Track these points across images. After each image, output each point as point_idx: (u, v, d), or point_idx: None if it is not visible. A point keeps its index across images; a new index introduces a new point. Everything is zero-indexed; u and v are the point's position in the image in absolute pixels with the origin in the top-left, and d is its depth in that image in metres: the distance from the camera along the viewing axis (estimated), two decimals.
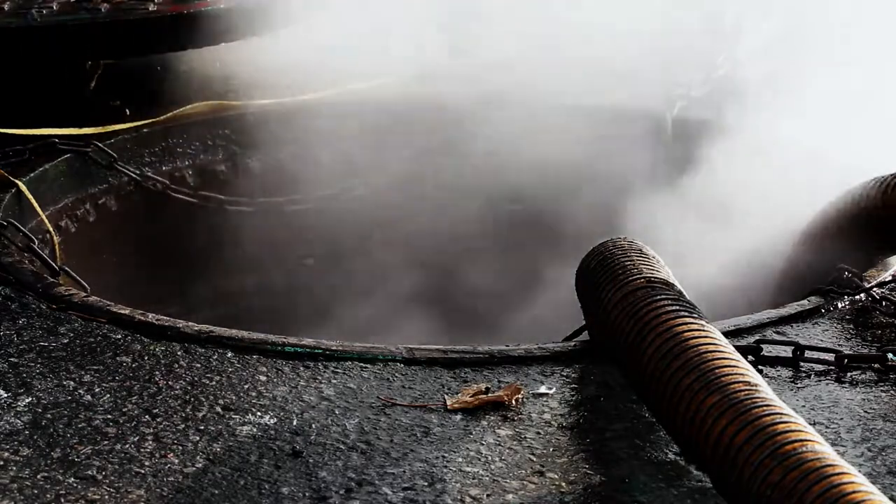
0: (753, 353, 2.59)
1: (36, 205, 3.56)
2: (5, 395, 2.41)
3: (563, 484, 2.15)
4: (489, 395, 2.43)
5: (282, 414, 2.37)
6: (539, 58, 4.37)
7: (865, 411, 2.41)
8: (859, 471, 1.84)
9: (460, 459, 2.22)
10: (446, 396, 2.44)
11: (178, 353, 2.61)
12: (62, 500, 2.08)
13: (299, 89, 4.32)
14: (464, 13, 4.63)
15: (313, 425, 2.33)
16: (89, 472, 2.16)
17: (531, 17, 4.54)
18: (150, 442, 2.26)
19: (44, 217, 3.59)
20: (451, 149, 4.25)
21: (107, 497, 2.09)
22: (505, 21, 4.57)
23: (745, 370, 2.05)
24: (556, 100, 4.31)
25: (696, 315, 2.24)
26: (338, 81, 4.36)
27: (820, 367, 2.59)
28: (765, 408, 1.92)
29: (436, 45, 4.52)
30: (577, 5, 4.48)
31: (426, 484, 2.14)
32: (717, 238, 3.71)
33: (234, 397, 2.43)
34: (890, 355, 2.58)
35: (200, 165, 4.21)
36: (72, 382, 2.47)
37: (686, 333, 2.16)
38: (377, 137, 4.27)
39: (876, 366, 2.58)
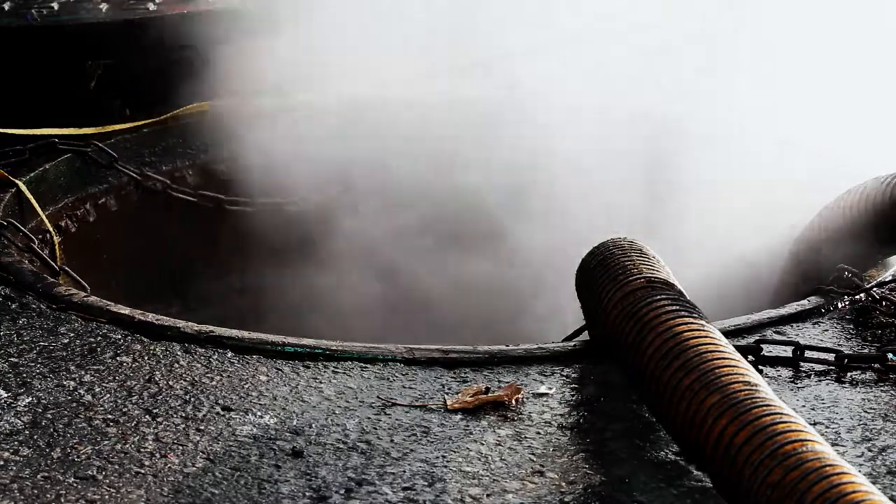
0: (753, 353, 2.59)
1: (36, 205, 3.56)
2: (5, 395, 2.41)
3: (563, 484, 2.15)
4: (489, 395, 2.43)
5: (282, 414, 2.37)
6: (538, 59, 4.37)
7: (865, 411, 2.41)
8: (859, 471, 1.84)
9: (460, 459, 2.22)
10: (446, 396, 2.45)
11: (178, 353, 2.61)
12: (62, 500, 2.08)
13: (299, 89, 4.31)
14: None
15: (313, 425, 2.33)
16: (89, 472, 2.16)
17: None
18: (150, 442, 2.26)
19: (44, 217, 3.59)
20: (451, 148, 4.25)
21: (107, 497, 2.09)
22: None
23: (745, 370, 2.05)
24: (561, 101, 4.32)
25: (696, 315, 2.24)
26: (338, 81, 4.36)
27: (820, 367, 2.59)
28: (765, 408, 1.92)
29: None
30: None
31: (426, 484, 2.14)
32: (717, 238, 3.71)
33: (234, 397, 2.43)
34: (890, 355, 2.58)
35: (200, 165, 4.21)
36: (72, 382, 2.47)
37: (686, 333, 2.16)
38: (377, 137, 4.27)
39: (876, 366, 2.58)
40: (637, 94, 4.30)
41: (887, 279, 2.98)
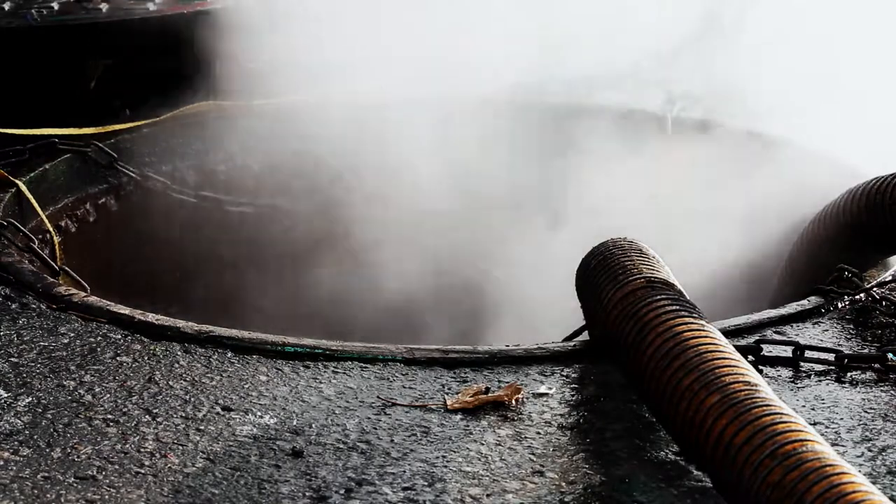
0: (753, 353, 2.59)
1: (36, 205, 3.56)
2: (5, 395, 2.41)
3: (563, 484, 2.15)
4: (489, 395, 2.43)
5: (282, 414, 2.37)
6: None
7: (865, 411, 2.41)
8: (859, 471, 1.84)
9: (460, 459, 2.22)
10: (446, 396, 2.45)
11: (178, 353, 2.61)
12: (62, 500, 2.08)
13: (298, 88, 4.31)
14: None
15: (313, 425, 2.33)
16: (89, 472, 2.16)
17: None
18: (150, 442, 2.26)
19: (44, 217, 3.59)
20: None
21: (107, 497, 2.09)
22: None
23: (745, 370, 2.05)
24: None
25: (696, 315, 2.24)
26: (336, 80, 4.36)
27: (820, 367, 2.59)
28: (765, 408, 1.92)
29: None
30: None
31: (426, 484, 2.14)
32: (718, 238, 3.71)
33: (234, 397, 2.43)
34: (890, 355, 2.58)
35: (200, 165, 4.21)
36: (72, 382, 2.47)
37: (686, 333, 2.16)
38: (377, 136, 4.27)
39: (876, 366, 2.58)
40: (635, 92, 4.30)
41: (887, 279, 2.99)
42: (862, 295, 2.89)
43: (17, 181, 3.54)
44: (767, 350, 2.62)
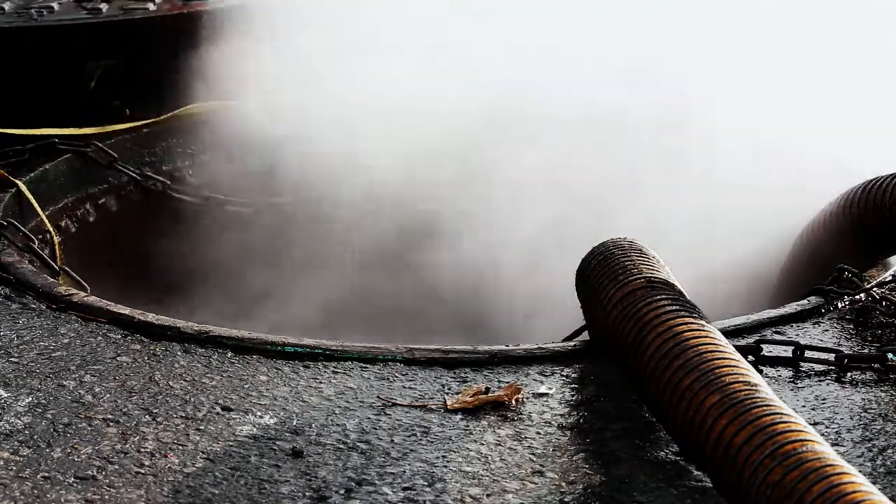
0: (753, 353, 2.59)
1: (36, 205, 3.56)
2: (5, 395, 2.41)
3: (563, 484, 2.15)
4: (489, 395, 2.43)
5: (282, 414, 2.37)
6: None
7: (865, 411, 2.41)
8: (859, 471, 1.84)
9: (460, 459, 2.22)
10: (446, 396, 2.45)
11: (178, 353, 2.61)
12: (62, 500, 2.08)
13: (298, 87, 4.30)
14: None
15: (313, 425, 2.33)
16: (89, 472, 2.16)
17: None
18: (150, 442, 2.26)
19: (44, 217, 3.59)
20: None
21: (107, 497, 2.09)
22: None
23: (745, 370, 2.05)
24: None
25: (696, 315, 2.24)
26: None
27: (820, 367, 2.59)
28: (765, 408, 1.92)
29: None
30: None
31: (426, 484, 2.14)
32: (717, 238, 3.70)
33: (234, 397, 2.43)
34: (890, 355, 2.58)
35: (200, 165, 4.21)
36: (72, 382, 2.47)
37: (686, 333, 2.16)
38: (380, 135, 4.26)
39: (876, 366, 2.58)
40: (636, 94, 4.29)
41: (887, 279, 2.99)
42: (862, 295, 2.89)
43: (17, 181, 3.55)
44: (767, 350, 2.62)
